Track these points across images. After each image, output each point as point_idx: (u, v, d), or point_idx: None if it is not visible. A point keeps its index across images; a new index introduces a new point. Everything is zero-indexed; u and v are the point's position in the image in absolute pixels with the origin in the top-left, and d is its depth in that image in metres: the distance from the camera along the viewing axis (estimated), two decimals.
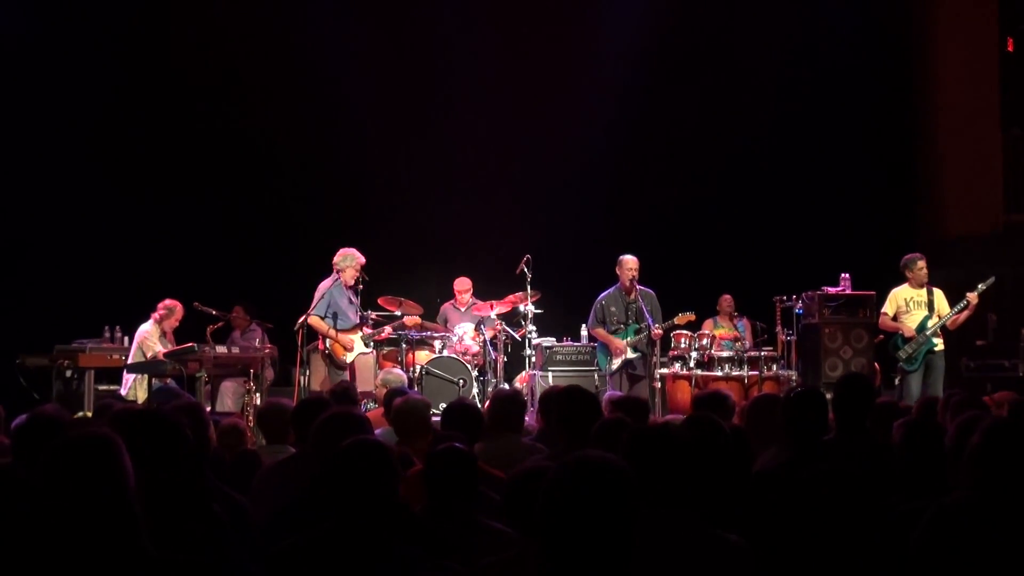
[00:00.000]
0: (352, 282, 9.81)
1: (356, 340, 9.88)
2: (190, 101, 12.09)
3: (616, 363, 10.05)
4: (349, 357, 9.82)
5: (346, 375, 9.61)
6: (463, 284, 11.22)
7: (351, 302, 9.87)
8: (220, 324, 10.91)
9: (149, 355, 9.83)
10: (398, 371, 8.91)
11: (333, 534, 2.99)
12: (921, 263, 9.87)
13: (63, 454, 2.60)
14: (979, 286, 9.64)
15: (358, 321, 9.92)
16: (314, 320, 9.64)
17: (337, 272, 9.81)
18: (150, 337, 10.01)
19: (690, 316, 10.12)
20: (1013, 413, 5.70)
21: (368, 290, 10.10)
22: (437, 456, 3.67)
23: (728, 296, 11.64)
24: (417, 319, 10.28)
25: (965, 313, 9.70)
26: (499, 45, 12.75)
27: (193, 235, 12.00)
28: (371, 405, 9.22)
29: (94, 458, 2.59)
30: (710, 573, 2.93)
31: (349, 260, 9.80)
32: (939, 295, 9.85)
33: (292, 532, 3.14)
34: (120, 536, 2.55)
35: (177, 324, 10.30)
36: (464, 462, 3.66)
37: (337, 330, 9.75)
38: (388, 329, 10.06)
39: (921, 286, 9.87)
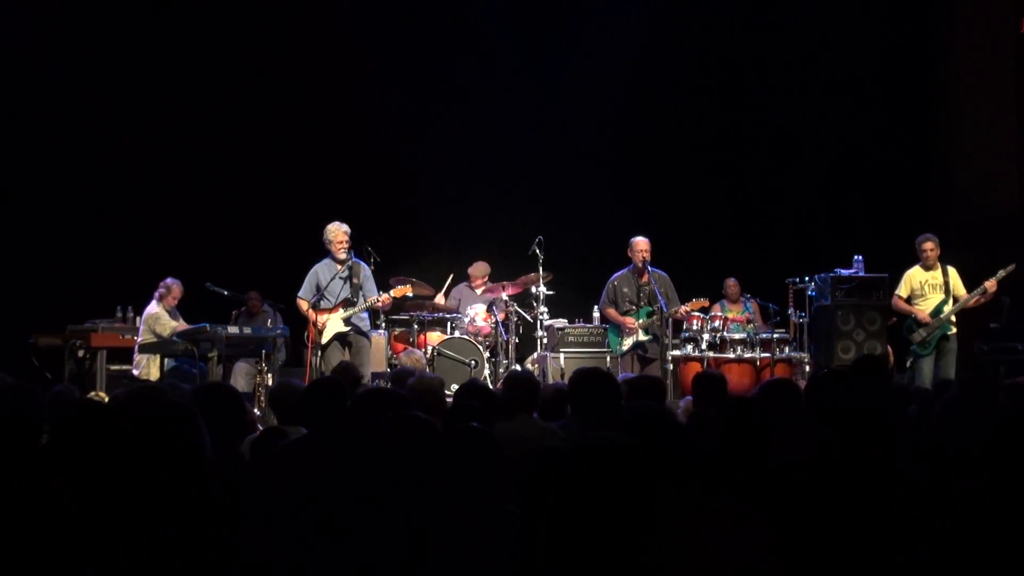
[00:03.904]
0: (342, 256, 9.43)
1: (331, 319, 9.43)
2: (206, 83, 12.07)
3: (627, 344, 10.02)
4: (324, 338, 9.38)
5: (345, 356, 9.31)
6: (479, 269, 11.18)
7: (342, 279, 9.48)
8: (243, 308, 10.92)
9: (167, 333, 9.84)
10: (419, 353, 8.89)
11: (371, 509, 3.01)
12: (928, 244, 9.81)
13: (153, 419, 2.75)
14: (999, 272, 9.58)
15: (338, 300, 9.46)
16: (299, 302, 9.51)
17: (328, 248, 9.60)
18: (161, 317, 10.02)
19: (704, 302, 10.06)
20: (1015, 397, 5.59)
21: (380, 271, 10.07)
22: (455, 436, 3.65)
23: (732, 280, 11.59)
24: (387, 298, 9.54)
25: (983, 296, 9.67)
26: (512, 25, 12.71)
27: (207, 217, 12.02)
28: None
29: (179, 425, 2.75)
30: (719, 542, 2.92)
31: (329, 234, 9.48)
32: (953, 274, 9.80)
33: (312, 510, 3.14)
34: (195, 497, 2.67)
35: (175, 302, 10.30)
36: (483, 442, 3.64)
37: (321, 309, 9.42)
38: (380, 297, 9.43)
39: (930, 268, 9.82)
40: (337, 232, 9.47)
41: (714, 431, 3.60)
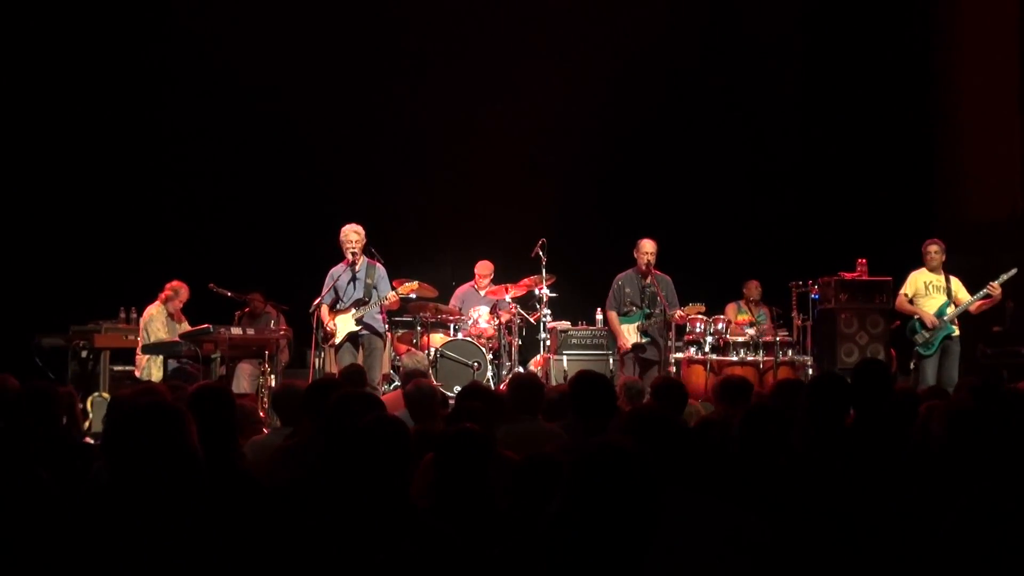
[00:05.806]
0: (350, 258, 9.39)
1: (341, 321, 9.38)
2: (209, 83, 12.08)
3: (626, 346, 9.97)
4: (337, 338, 9.35)
5: (356, 358, 9.25)
6: (485, 268, 11.18)
7: (352, 280, 9.45)
8: (247, 309, 10.93)
9: (153, 339, 9.89)
10: (420, 355, 8.88)
11: (341, 513, 3.02)
12: (933, 248, 9.82)
13: (135, 420, 2.83)
14: (1002, 276, 9.57)
15: (350, 301, 9.42)
16: (323, 307, 9.52)
17: None
18: (155, 319, 10.08)
19: (700, 307, 10.00)
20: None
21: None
22: (451, 438, 3.64)
23: (756, 282, 11.55)
24: (394, 296, 9.45)
25: (988, 301, 9.66)
26: (516, 26, 12.70)
27: (211, 217, 12.02)
28: (385, 388, 9.23)
29: (162, 424, 2.83)
30: (722, 548, 2.92)
31: (340, 236, 9.47)
32: (956, 283, 9.79)
33: (303, 511, 3.15)
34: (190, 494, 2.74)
35: (181, 305, 10.32)
36: (478, 444, 3.64)
37: (336, 311, 9.43)
38: (388, 295, 9.39)
39: (934, 271, 9.82)
40: (346, 233, 9.44)
41: (739, 436, 3.59)
